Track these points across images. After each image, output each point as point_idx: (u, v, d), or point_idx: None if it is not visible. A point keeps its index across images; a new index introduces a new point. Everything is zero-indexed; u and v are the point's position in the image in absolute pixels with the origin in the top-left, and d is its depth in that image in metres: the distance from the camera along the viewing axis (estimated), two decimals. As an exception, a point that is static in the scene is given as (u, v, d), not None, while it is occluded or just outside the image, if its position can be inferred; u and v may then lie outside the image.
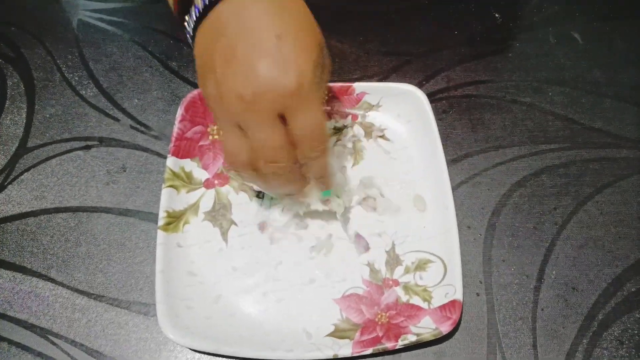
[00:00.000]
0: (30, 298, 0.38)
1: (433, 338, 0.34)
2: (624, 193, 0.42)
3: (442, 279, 0.37)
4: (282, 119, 0.29)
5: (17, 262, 0.39)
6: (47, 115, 0.45)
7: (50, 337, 0.37)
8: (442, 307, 0.36)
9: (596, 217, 0.41)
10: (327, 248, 0.39)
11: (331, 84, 0.43)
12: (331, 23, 0.50)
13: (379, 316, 0.37)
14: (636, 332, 0.37)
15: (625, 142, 0.44)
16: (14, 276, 0.39)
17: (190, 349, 0.36)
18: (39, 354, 0.36)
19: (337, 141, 0.44)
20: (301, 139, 0.30)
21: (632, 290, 0.38)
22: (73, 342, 0.36)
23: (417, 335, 0.34)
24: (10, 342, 0.36)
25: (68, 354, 0.36)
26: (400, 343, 0.34)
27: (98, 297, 0.38)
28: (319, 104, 0.30)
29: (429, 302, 0.37)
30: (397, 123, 0.44)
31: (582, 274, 0.39)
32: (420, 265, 0.38)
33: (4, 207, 0.41)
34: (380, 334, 0.35)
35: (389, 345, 0.34)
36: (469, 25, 0.50)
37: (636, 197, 0.42)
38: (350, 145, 0.44)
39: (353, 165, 0.43)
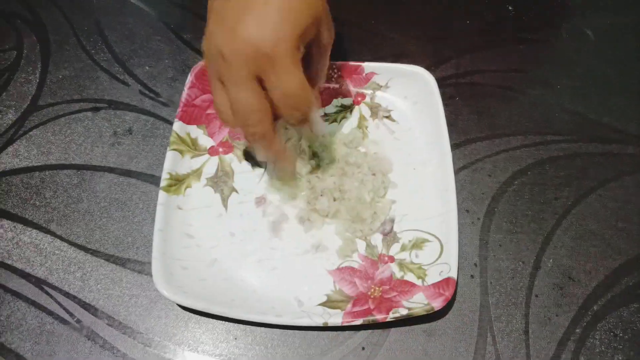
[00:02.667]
0: (29, 249, 0.38)
1: (425, 313, 0.34)
2: (627, 189, 0.41)
3: (438, 257, 0.37)
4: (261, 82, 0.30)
5: (19, 214, 0.40)
6: (60, 77, 0.46)
7: (45, 288, 0.37)
8: (436, 284, 0.36)
9: (597, 210, 0.41)
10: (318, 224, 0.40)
11: (341, 63, 0.44)
12: (343, 5, 0.51)
13: (372, 290, 0.37)
14: (630, 325, 0.36)
15: (631, 138, 0.44)
16: (14, 226, 0.39)
17: (181, 307, 0.36)
18: (33, 303, 0.36)
19: (342, 119, 0.44)
20: (276, 103, 0.30)
21: (630, 284, 0.38)
22: (67, 294, 0.37)
23: (409, 309, 0.34)
24: (6, 289, 0.37)
25: (61, 305, 0.36)
26: (391, 315, 0.34)
27: (95, 252, 0.38)
28: (298, 69, 0.30)
29: (423, 280, 0.36)
30: (404, 104, 0.44)
31: (580, 265, 0.38)
32: (417, 244, 0.38)
33: (11, 160, 0.42)
34: (372, 307, 0.35)
35: (380, 317, 0.34)
36: (482, 15, 0.50)
37: (639, 193, 0.41)
38: (355, 123, 0.44)
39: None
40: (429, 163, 0.41)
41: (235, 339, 0.35)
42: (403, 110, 0.44)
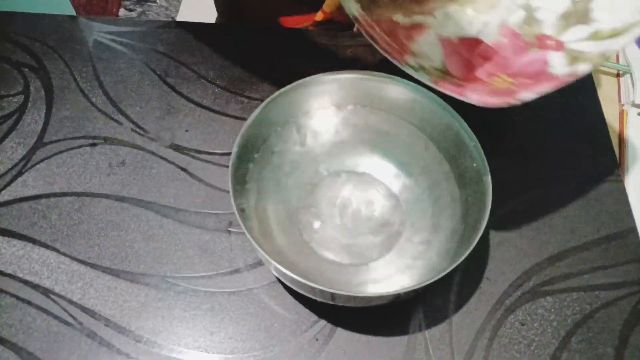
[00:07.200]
0: (38, 264, 0.46)
1: None
2: (533, 204, 0.50)
3: None
4: None
5: (29, 235, 0.47)
6: (62, 117, 0.54)
7: (51, 296, 0.44)
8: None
9: (513, 222, 0.49)
10: None
11: None
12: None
13: (497, 80, 0.24)
14: (536, 316, 0.44)
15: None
16: (25, 245, 0.46)
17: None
18: (41, 309, 0.43)
19: None
20: None
21: (537, 282, 0.46)
22: (70, 301, 0.44)
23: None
24: (18, 297, 0.44)
25: (65, 310, 0.43)
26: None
27: (93, 266, 0.46)
28: None
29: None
30: None
31: (496, 267, 0.47)
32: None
33: (21, 190, 0.50)
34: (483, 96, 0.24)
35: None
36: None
37: (546, 207, 0.50)
38: None
39: None
40: None
41: (212, 334, 0.43)
42: None
